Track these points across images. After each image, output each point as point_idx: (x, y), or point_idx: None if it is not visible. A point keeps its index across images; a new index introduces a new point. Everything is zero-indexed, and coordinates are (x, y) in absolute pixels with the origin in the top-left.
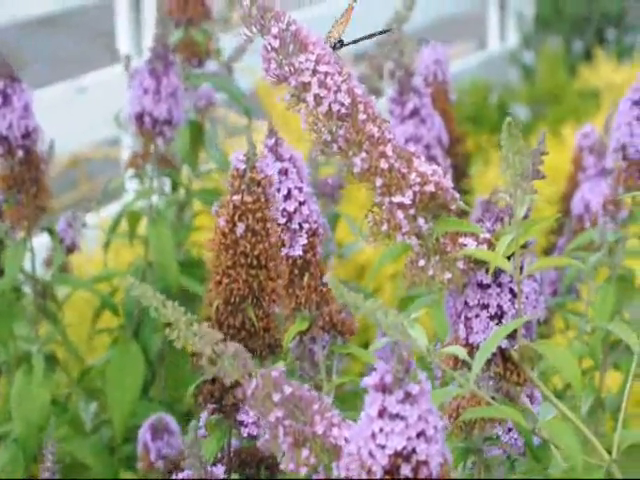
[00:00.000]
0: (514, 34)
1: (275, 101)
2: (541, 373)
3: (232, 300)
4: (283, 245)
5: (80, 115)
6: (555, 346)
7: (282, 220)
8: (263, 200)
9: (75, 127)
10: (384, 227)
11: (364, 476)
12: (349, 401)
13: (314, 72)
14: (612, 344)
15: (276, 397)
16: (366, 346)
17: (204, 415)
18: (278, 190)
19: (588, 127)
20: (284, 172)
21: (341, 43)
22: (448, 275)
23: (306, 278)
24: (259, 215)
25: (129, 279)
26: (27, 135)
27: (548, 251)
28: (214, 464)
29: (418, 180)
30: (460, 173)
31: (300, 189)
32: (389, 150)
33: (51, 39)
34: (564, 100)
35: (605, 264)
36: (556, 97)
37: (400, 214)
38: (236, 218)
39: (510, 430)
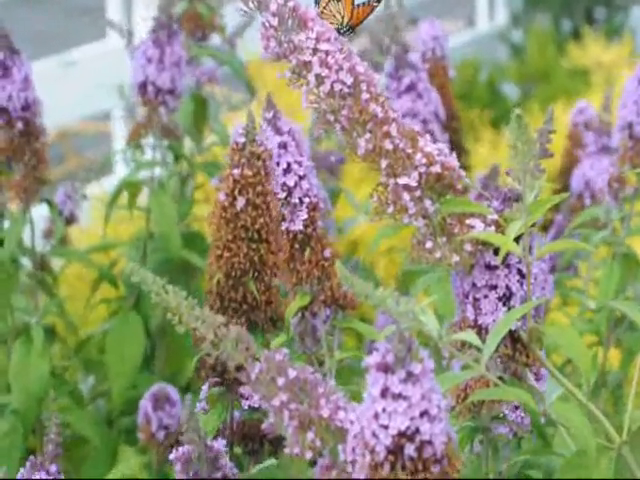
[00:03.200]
0: (503, 13)
1: (266, 77)
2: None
3: (233, 274)
4: (283, 219)
5: (69, 89)
6: (564, 328)
7: (282, 194)
8: (263, 174)
9: (63, 101)
10: (390, 209)
11: (368, 457)
12: (344, 376)
13: (315, 51)
14: (616, 321)
15: (280, 381)
16: (361, 320)
17: (205, 388)
18: (277, 164)
19: (583, 103)
20: (283, 146)
21: (352, 29)
22: (456, 258)
23: (307, 253)
24: (259, 189)
25: (131, 251)
26: (27, 107)
27: (546, 227)
28: (215, 438)
29: (424, 161)
30: (457, 148)
31: (300, 163)
32: (393, 130)
33: (32, 16)
34: (553, 79)
35: (609, 242)
36: (545, 76)
37: (406, 196)
38: (236, 192)
39: (517, 408)
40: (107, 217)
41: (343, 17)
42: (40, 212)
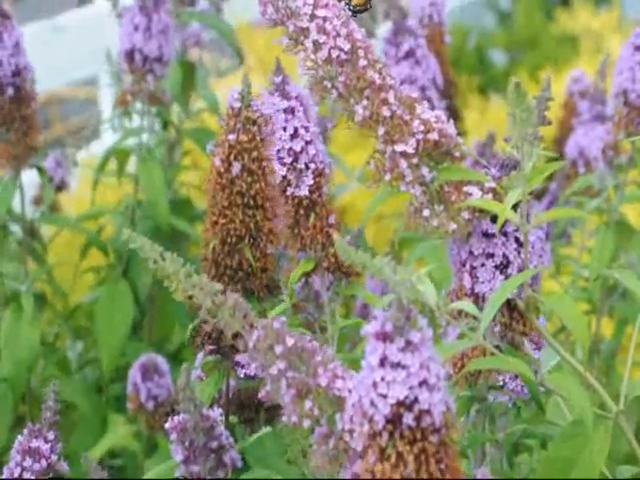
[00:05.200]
0: None
1: (255, 42)
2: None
3: (229, 240)
4: (289, 185)
5: (54, 55)
6: (562, 297)
7: (288, 160)
8: (259, 139)
9: (49, 67)
10: (387, 176)
11: (366, 426)
12: (338, 343)
13: (312, 17)
14: (609, 290)
15: (278, 349)
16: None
17: (200, 356)
18: (284, 129)
19: (578, 72)
20: (291, 111)
21: (365, 8)
22: (453, 226)
23: (312, 219)
24: (255, 154)
25: (119, 218)
26: (17, 73)
27: (539, 195)
28: (211, 407)
29: (421, 128)
30: (453, 115)
31: (307, 128)
32: (391, 97)
33: None
34: (541, 45)
35: (603, 210)
36: (533, 42)
37: (403, 163)
38: (232, 157)
39: (516, 377)
40: (95, 184)
41: None
42: (30, 178)
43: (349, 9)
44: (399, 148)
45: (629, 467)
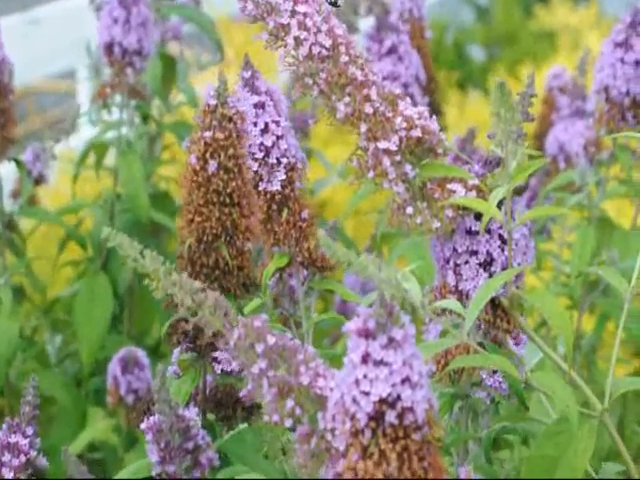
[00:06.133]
0: None
1: (233, 36)
2: None
3: (205, 239)
4: (261, 180)
5: (32, 47)
6: (545, 295)
7: (259, 155)
8: (235, 136)
9: (27, 59)
10: (370, 174)
11: (348, 424)
12: (316, 337)
13: (293, 13)
14: (590, 286)
15: (259, 348)
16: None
17: (176, 352)
18: (255, 124)
19: (558, 68)
20: (261, 106)
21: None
22: (437, 224)
23: (284, 214)
24: (231, 152)
25: (98, 211)
26: None
27: (520, 191)
28: (187, 405)
29: (404, 125)
30: (435, 111)
31: (277, 123)
32: (373, 93)
33: None
34: (520, 41)
35: (584, 206)
36: (512, 38)
37: (386, 160)
38: (208, 155)
39: (494, 373)
40: (75, 178)
41: None
42: (8, 171)
43: (331, 2)
44: (382, 145)
45: (613, 464)
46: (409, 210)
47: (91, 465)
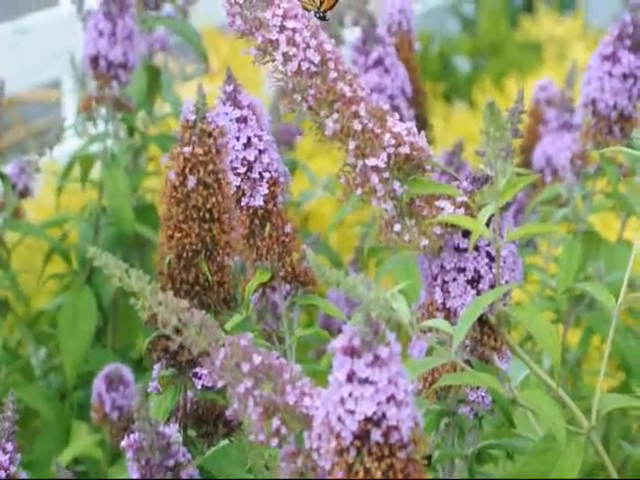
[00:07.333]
0: None
1: (219, 48)
2: None
3: (185, 255)
4: (244, 195)
5: (19, 57)
6: (533, 312)
7: (242, 169)
8: (215, 152)
9: (12, 69)
10: (358, 191)
11: (333, 442)
12: (299, 351)
13: (282, 29)
14: (576, 299)
15: (245, 367)
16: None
17: (157, 368)
18: (237, 138)
19: (545, 80)
20: (243, 120)
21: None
22: (425, 241)
23: (267, 229)
24: (211, 167)
25: (83, 224)
26: None
27: (507, 205)
28: (167, 421)
29: (392, 141)
30: (422, 124)
31: (260, 137)
32: (362, 110)
33: None
34: (505, 52)
35: (571, 219)
36: (497, 49)
37: (375, 178)
38: (187, 171)
39: (477, 388)
40: (59, 191)
41: (321, 2)
42: None
43: (319, 16)
44: (370, 162)
45: None
46: (397, 227)
47: (75, 477)
